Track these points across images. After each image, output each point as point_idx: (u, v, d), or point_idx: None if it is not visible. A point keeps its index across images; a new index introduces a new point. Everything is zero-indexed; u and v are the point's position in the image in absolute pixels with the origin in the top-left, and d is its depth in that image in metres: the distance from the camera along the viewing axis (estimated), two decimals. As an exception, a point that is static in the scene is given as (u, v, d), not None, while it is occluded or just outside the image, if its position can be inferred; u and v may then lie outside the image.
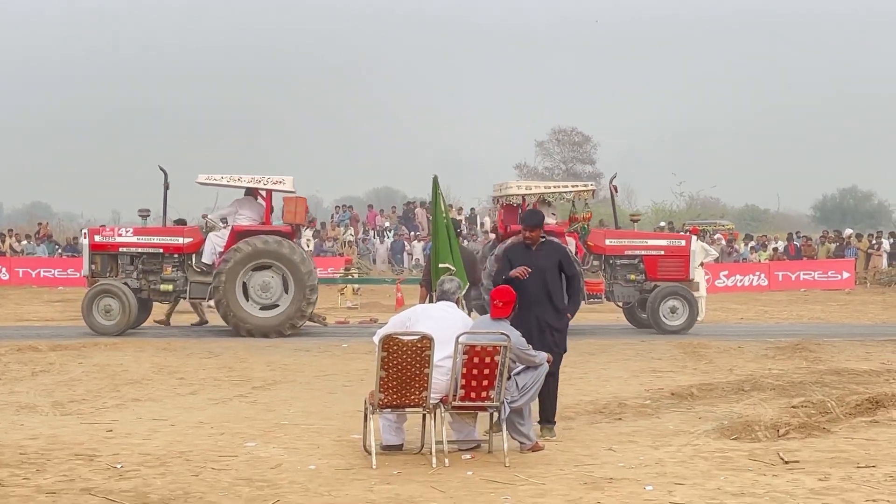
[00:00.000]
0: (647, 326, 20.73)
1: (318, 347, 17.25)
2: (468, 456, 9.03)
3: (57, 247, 38.90)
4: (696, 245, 21.42)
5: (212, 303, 19.76)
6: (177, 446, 9.27)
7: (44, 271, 34.71)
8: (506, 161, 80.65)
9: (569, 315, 9.91)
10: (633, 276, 20.71)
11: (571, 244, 20.50)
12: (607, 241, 20.83)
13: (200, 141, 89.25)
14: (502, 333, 8.68)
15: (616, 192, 21.47)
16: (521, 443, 9.13)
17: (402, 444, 9.20)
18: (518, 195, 20.48)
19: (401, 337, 8.51)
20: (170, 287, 19.65)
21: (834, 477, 8.11)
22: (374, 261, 37.76)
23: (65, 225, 49.97)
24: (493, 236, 21.75)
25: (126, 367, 14.50)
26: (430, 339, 8.45)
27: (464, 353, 8.55)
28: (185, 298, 20.17)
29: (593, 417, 10.86)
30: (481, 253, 21.36)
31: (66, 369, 14.31)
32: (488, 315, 9.22)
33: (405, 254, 37.78)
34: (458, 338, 8.57)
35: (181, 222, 21.85)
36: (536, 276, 9.62)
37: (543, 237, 9.95)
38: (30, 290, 32.12)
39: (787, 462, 8.60)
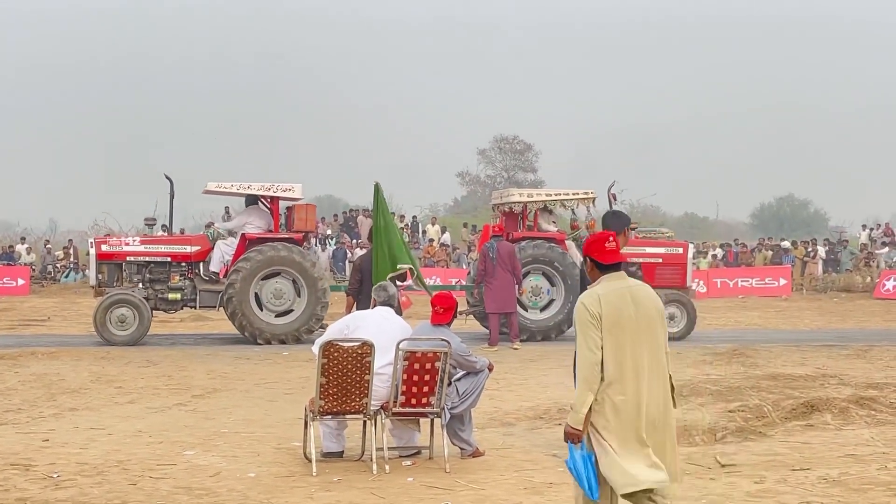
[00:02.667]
0: None
1: (258, 356, 17.16)
2: (409, 462, 9.05)
3: (-8, 255, 38.34)
4: None
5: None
6: (114, 455, 9.19)
7: (-21, 280, 34.19)
8: (448, 169, 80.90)
9: None
10: None
11: (572, 249, 20.66)
12: None
13: (138, 149, 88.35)
14: (443, 339, 8.71)
15: (615, 199, 21.67)
16: (461, 448, 9.16)
17: (342, 451, 9.20)
18: (520, 202, 20.75)
19: (341, 343, 8.51)
20: (177, 296, 19.55)
21: (769, 479, 8.23)
22: (316, 268, 37.59)
23: (0, 234, 49.18)
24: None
25: (63, 377, 14.31)
26: (371, 346, 8.46)
27: (404, 360, 8.56)
28: (194, 308, 20.17)
29: (534, 423, 10.91)
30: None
31: (1, 378, 14.09)
32: (428, 321, 9.23)
33: (347, 262, 37.68)
34: (398, 344, 8.59)
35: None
36: None
37: None
38: (-36, 299, 31.58)
39: (723, 465, 8.71)
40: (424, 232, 41.28)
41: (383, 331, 8.79)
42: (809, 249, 38.95)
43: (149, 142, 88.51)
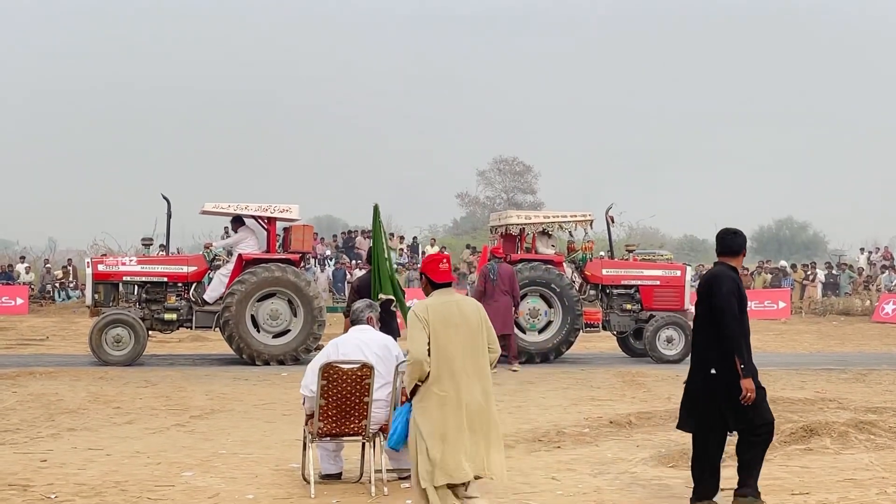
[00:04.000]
0: (641, 355, 20.91)
1: (256, 376, 17.14)
2: (407, 484, 9.01)
3: (-9, 274, 38.33)
4: None
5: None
6: (112, 476, 9.16)
7: (-23, 299, 34.18)
8: (447, 190, 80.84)
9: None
10: (629, 306, 20.92)
11: (568, 272, 20.67)
12: (604, 271, 21.05)
13: (137, 169, 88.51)
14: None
15: (612, 222, 21.77)
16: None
17: (341, 473, 9.17)
18: (518, 224, 20.78)
19: (340, 366, 8.49)
20: (174, 316, 19.59)
21: (768, 504, 8.21)
22: (315, 289, 37.52)
23: (-1, 253, 49.21)
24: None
25: (61, 397, 14.30)
26: (371, 368, 8.45)
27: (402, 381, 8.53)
28: (190, 328, 20.18)
29: (532, 445, 10.89)
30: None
31: (-1, 398, 14.10)
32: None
33: (346, 282, 37.65)
34: (397, 366, 8.59)
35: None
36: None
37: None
38: (-37, 318, 31.56)
39: (722, 489, 8.68)
40: (423, 252, 41.25)
41: (365, 356, 8.69)
42: (809, 273, 38.97)
43: (148, 161, 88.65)
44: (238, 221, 20.03)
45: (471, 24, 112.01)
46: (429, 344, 6.81)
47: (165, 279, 19.71)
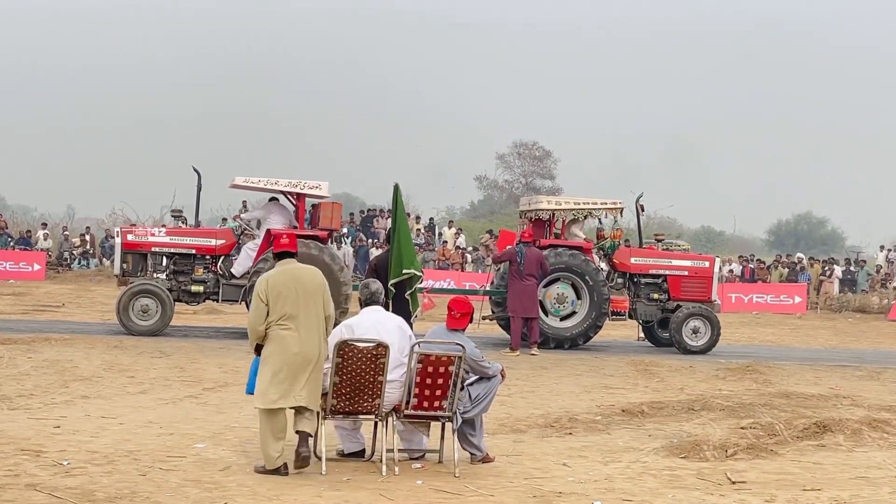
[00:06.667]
0: (666, 345, 20.89)
1: (271, 351, 17.14)
2: (419, 465, 9.03)
3: (10, 239, 38.47)
4: None
5: None
6: (125, 445, 9.20)
7: (-4, 264, 34.31)
8: (466, 172, 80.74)
9: None
10: (656, 295, 20.86)
11: (596, 260, 20.61)
12: (632, 260, 20.98)
13: (155, 140, 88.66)
14: (457, 344, 8.69)
15: (643, 210, 21.68)
16: (471, 454, 9.13)
17: (364, 449, 9.15)
18: (548, 210, 20.71)
19: (356, 344, 8.48)
20: (200, 288, 19.61)
21: (780, 499, 8.19)
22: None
23: (18, 218, 49.35)
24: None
25: (76, 364, 14.34)
26: (386, 347, 8.44)
27: (418, 362, 8.54)
28: (216, 301, 20.21)
29: (544, 431, 10.89)
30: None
31: (14, 363, 14.13)
32: (444, 324, 9.18)
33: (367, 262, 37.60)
34: (412, 347, 8.57)
35: None
36: None
37: None
38: (-20, 283, 31.72)
39: (734, 482, 8.67)
40: (440, 234, 41.24)
41: (381, 336, 8.66)
42: (826, 269, 38.81)
43: (167, 133, 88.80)
44: (273, 197, 20.14)
45: (495, 6, 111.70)
46: (268, 310, 8.37)
47: (193, 251, 19.75)
